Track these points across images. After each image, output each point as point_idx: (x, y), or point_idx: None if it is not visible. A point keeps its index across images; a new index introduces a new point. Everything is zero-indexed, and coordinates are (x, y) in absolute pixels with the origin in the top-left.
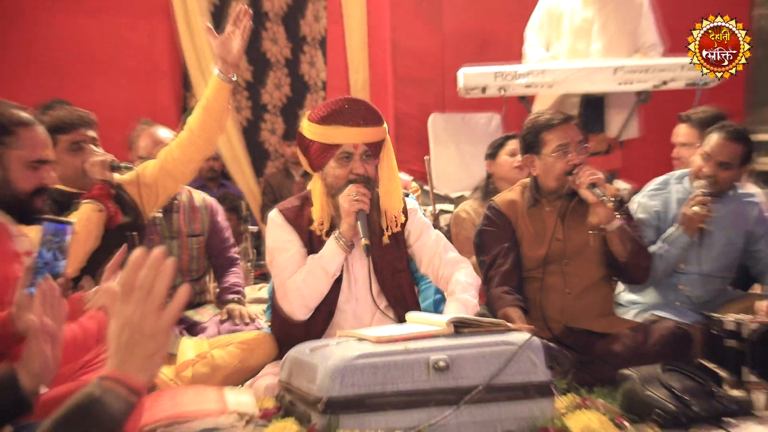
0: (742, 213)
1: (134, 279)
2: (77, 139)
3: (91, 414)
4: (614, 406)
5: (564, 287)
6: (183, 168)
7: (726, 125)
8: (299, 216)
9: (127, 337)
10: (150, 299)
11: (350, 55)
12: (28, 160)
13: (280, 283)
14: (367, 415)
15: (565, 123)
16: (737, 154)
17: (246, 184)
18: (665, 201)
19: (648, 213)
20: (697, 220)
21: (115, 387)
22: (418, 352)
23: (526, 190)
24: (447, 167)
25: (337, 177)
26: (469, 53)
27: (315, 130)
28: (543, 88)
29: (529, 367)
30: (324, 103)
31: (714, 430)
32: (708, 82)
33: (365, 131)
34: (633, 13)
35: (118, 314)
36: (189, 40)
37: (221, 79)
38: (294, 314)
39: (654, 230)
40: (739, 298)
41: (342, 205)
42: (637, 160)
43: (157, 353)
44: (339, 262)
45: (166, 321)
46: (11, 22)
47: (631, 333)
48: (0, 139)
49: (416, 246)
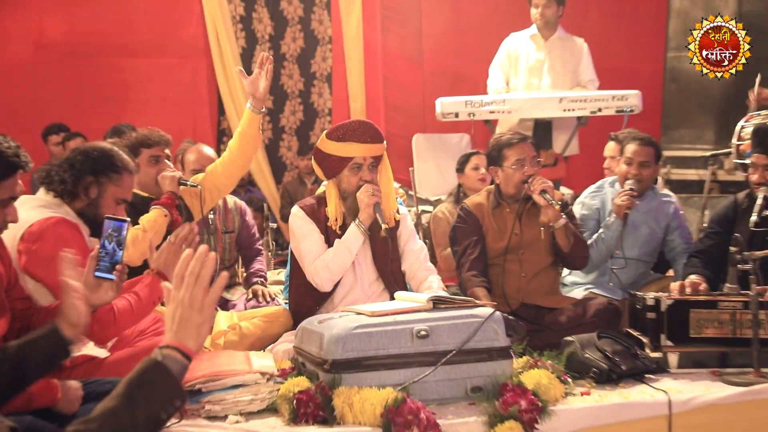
0: (661, 210)
1: (185, 269)
2: (156, 154)
3: (156, 374)
4: (560, 365)
5: (520, 271)
6: (226, 181)
7: (637, 135)
8: (316, 211)
9: (180, 314)
10: (197, 284)
11: (350, 88)
12: (118, 198)
13: (309, 262)
14: (363, 374)
15: (522, 142)
16: (651, 154)
17: (268, 190)
18: (602, 200)
19: (590, 210)
20: (624, 207)
21: (172, 353)
22: (404, 323)
23: (491, 195)
24: (427, 176)
25: (350, 183)
26: (445, 86)
27: (333, 146)
28: (504, 114)
29: (492, 335)
30: (340, 124)
31: (637, 384)
32: (633, 109)
33: (372, 147)
34: (574, 56)
35: (173, 298)
36: (223, 76)
37: (252, 111)
38: (322, 287)
39: (595, 223)
40: (657, 279)
41: (362, 199)
42: (577, 171)
43: (204, 325)
44: (359, 243)
45: (210, 300)
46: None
47: (573, 307)
48: (108, 174)
49: (404, 247)
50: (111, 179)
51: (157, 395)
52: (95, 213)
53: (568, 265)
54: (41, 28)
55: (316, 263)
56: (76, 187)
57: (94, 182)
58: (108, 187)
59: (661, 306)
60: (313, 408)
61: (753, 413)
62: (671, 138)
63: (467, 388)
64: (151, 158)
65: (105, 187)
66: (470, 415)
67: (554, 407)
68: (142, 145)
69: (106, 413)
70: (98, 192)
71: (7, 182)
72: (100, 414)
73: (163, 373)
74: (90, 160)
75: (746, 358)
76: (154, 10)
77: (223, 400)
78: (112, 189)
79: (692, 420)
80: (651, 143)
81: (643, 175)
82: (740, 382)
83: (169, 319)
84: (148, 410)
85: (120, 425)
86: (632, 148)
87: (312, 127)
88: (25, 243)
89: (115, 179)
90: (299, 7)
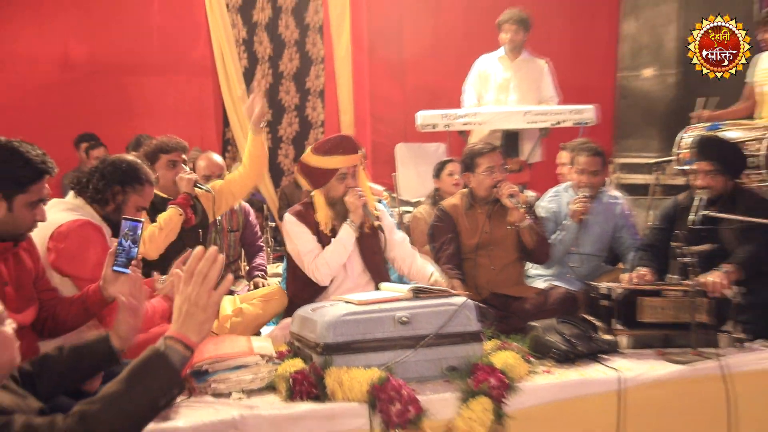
0: (611, 210)
1: (195, 267)
2: (173, 159)
3: (158, 364)
4: (524, 347)
5: (490, 265)
6: (241, 189)
7: (584, 148)
8: (306, 216)
9: (186, 308)
10: (204, 283)
11: (341, 102)
12: (139, 206)
13: (309, 261)
14: (352, 356)
15: (492, 151)
16: (599, 163)
17: (267, 193)
18: (558, 203)
19: (548, 213)
20: (579, 213)
21: (175, 344)
22: (388, 311)
23: (465, 197)
24: (408, 181)
25: (338, 190)
26: (424, 101)
27: (319, 160)
28: (476, 126)
29: (465, 320)
30: (323, 140)
31: (593, 363)
32: (589, 122)
33: (354, 157)
34: (538, 75)
35: (182, 292)
36: (227, 92)
37: (254, 132)
38: (322, 281)
39: (553, 224)
40: (609, 271)
41: (352, 202)
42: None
43: (207, 322)
44: (353, 240)
45: (216, 299)
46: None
47: (536, 296)
48: (134, 185)
49: (389, 237)
50: (135, 189)
51: (157, 383)
52: (118, 217)
53: (532, 260)
54: (66, 50)
55: (317, 261)
56: (105, 195)
57: (121, 191)
58: (131, 196)
59: (613, 295)
60: (307, 386)
61: (692, 387)
62: (622, 147)
63: (443, 368)
64: (169, 162)
65: (129, 195)
66: (446, 391)
67: (520, 384)
68: (161, 150)
69: (108, 396)
70: (123, 199)
71: (35, 186)
72: (103, 396)
73: (164, 363)
74: (119, 171)
75: (686, 340)
76: (167, 34)
77: (227, 379)
78: (135, 198)
79: (640, 394)
80: (598, 153)
81: (594, 182)
82: (681, 361)
83: (176, 311)
84: (146, 396)
85: (119, 408)
86: (583, 159)
87: (307, 137)
88: (54, 242)
89: (138, 189)
90: (295, 31)
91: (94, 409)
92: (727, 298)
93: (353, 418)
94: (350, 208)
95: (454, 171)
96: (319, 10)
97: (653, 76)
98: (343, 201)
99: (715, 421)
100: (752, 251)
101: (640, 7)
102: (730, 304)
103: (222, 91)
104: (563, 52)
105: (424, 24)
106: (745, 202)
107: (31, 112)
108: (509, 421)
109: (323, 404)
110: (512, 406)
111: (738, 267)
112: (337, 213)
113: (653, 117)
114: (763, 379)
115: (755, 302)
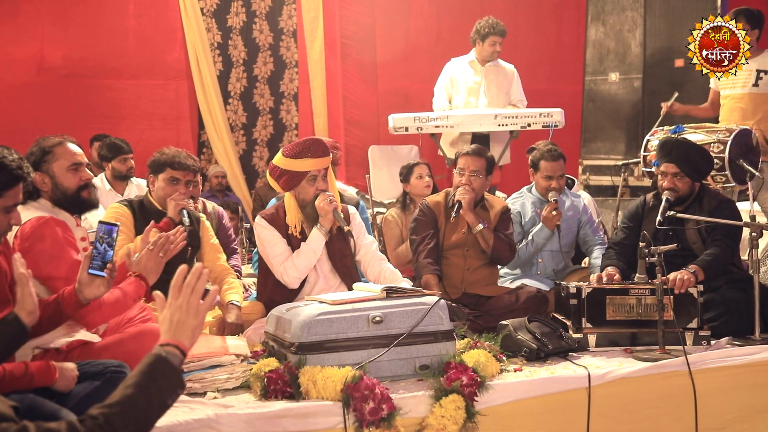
0: (575, 208)
1: (181, 283)
2: (176, 176)
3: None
4: (496, 346)
5: (464, 265)
6: None
7: (546, 154)
8: (276, 219)
9: (177, 318)
10: (194, 294)
11: (314, 105)
12: (68, 166)
13: (278, 264)
14: (325, 355)
15: (466, 155)
16: (563, 166)
17: (242, 194)
18: (522, 204)
19: (513, 213)
20: (554, 220)
21: (172, 350)
22: (361, 311)
23: (447, 196)
24: (381, 182)
25: (308, 193)
26: (396, 104)
27: (290, 162)
28: (447, 128)
29: (437, 320)
30: (294, 143)
31: (562, 361)
32: (557, 125)
33: (324, 160)
34: (507, 80)
35: (169, 305)
36: (202, 96)
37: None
38: (291, 284)
39: (518, 224)
40: (577, 270)
41: (323, 207)
42: (510, 177)
43: (198, 327)
44: (322, 244)
45: (203, 309)
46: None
47: (508, 296)
48: (44, 159)
49: (358, 241)
50: (48, 161)
51: (166, 385)
52: (62, 191)
53: (492, 261)
54: (42, 54)
55: (285, 264)
56: (34, 187)
57: (41, 174)
58: (52, 167)
59: (582, 294)
60: (282, 385)
61: (659, 384)
62: (589, 149)
63: (416, 367)
64: (171, 178)
65: (50, 169)
66: (419, 389)
67: (491, 382)
68: (169, 165)
69: (125, 399)
70: (49, 177)
71: (11, 192)
72: (120, 400)
73: (168, 366)
74: (29, 162)
75: (653, 338)
76: (142, 38)
77: (202, 379)
78: (56, 165)
79: (608, 391)
80: (560, 156)
81: (561, 184)
82: (648, 358)
83: (166, 322)
84: (159, 397)
85: (136, 409)
86: (550, 165)
87: (281, 139)
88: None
89: (51, 158)
90: (269, 36)
91: (115, 412)
92: (693, 296)
93: (327, 416)
94: (320, 213)
95: (423, 173)
96: (292, 14)
97: (619, 81)
98: (313, 204)
99: (681, 416)
100: (717, 253)
101: (606, 13)
102: (695, 303)
103: (197, 94)
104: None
105: (396, 28)
106: (710, 203)
107: (7, 115)
108: (481, 418)
109: (298, 403)
110: (484, 404)
111: (703, 267)
112: (307, 215)
113: (619, 120)
114: (727, 375)
115: (720, 301)
